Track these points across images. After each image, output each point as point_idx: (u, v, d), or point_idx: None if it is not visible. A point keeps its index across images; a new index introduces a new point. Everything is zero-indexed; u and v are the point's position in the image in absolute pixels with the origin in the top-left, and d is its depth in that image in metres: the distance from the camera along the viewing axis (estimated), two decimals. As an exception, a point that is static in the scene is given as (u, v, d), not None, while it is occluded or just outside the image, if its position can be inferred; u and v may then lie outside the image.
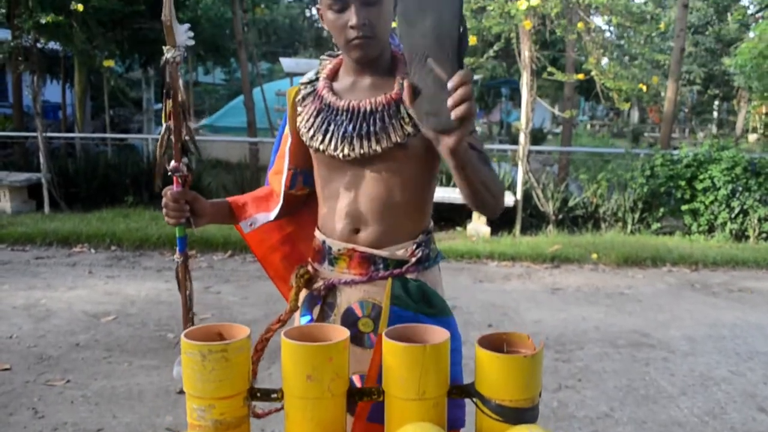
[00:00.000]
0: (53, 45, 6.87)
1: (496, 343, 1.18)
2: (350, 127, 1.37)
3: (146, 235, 6.00)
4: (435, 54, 1.04)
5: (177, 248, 1.48)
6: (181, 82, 1.41)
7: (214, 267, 5.39)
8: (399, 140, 1.34)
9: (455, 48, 1.02)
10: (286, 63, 11.22)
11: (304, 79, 1.51)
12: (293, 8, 22.49)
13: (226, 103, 17.00)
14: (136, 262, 5.56)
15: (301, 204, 1.59)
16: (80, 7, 6.21)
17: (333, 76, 1.46)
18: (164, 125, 1.42)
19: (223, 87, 21.01)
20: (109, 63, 6.94)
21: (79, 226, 6.29)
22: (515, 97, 21.53)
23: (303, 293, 1.53)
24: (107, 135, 10.19)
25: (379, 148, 1.35)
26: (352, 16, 1.30)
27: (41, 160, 7.18)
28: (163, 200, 1.43)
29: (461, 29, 1.02)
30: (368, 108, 1.37)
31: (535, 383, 1.11)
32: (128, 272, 5.23)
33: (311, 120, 1.43)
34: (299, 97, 1.49)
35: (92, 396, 3.06)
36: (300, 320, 1.53)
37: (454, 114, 1.02)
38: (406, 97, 1.09)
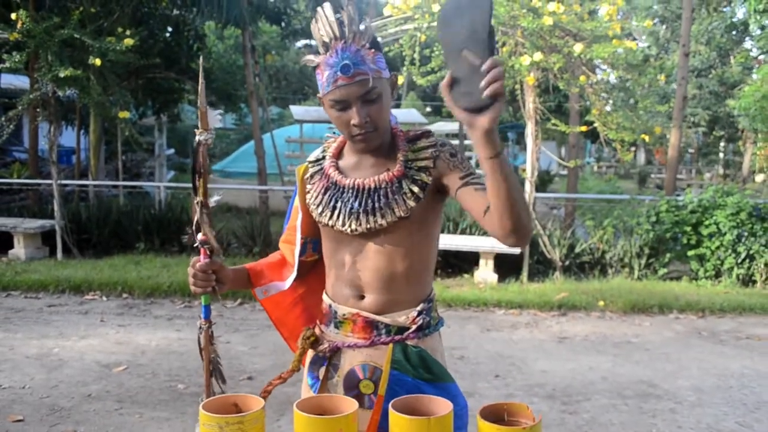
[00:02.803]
0: (69, 91, 7.10)
1: (498, 413, 1.25)
2: (356, 204, 1.46)
3: (157, 284, 6.08)
4: (469, 45, 1.20)
5: (201, 315, 1.56)
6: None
7: (224, 315, 5.45)
8: (402, 214, 1.44)
9: (486, 39, 1.18)
10: (296, 111, 11.47)
11: (311, 157, 1.62)
12: (303, 54, 23.00)
13: (236, 147, 17.29)
14: (147, 310, 5.63)
15: (310, 267, 1.69)
16: (98, 61, 6.43)
17: (338, 154, 1.57)
18: (197, 201, 1.52)
19: (234, 132, 21.38)
20: (124, 114, 7.14)
21: (91, 274, 6.39)
22: (521, 140, 21.77)
23: (310, 354, 1.61)
24: (120, 183, 10.39)
25: (384, 222, 1.44)
26: (354, 115, 1.40)
27: (55, 207, 7.32)
28: (191, 270, 1.51)
29: (491, 26, 1.20)
30: (372, 185, 1.47)
31: (535, 454, 1.17)
32: (139, 320, 5.30)
33: (319, 197, 1.53)
34: (308, 174, 1.59)
35: (104, 449, 3.11)
36: (306, 380, 1.61)
37: (488, 91, 1.14)
38: (443, 85, 1.21)
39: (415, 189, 1.44)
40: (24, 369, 4.14)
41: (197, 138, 1.50)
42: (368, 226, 1.45)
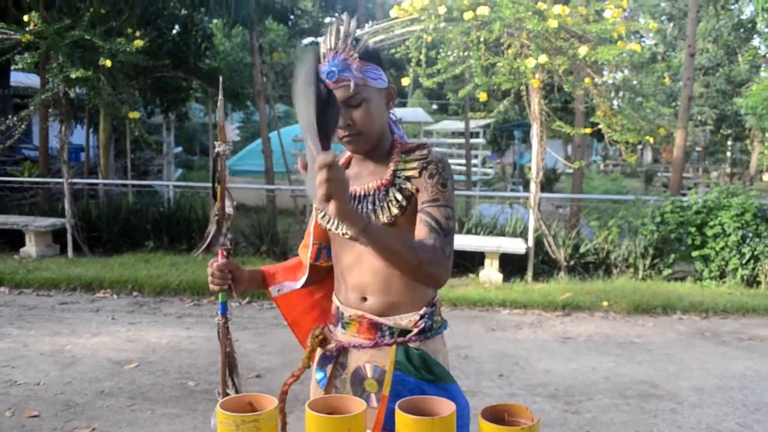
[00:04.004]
0: (79, 91, 7.20)
1: (498, 413, 1.32)
2: None
3: (167, 282, 6.17)
4: (310, 132, 1.24)
5: (219, 312, 1.67)
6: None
7: (232, 313, 5.50)
8: (386, 220, 1.53)
9: (316, 131, 1.21)
10: (303, 109, 11.52)
11: None
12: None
13: (243, 145, 17.36)
14: (157, 308, 5.72)
15: (326, 273, 1.78)
16: (108, 62, 6.52)
17: (347, 164, 1.67)
18: (216, 206, 1.62)
19: (241, 129, 21.46)
20: (135, 115, 7.23)
21: (101, 272, 6.49)
22: (527, 139, 21.79)
23: (319, 351, 1.70)
24: (129, 182, 10.49)
25: None
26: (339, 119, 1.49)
27: (66, 206, 7.42)
28: (209, 270, 1.62)
29: (326, 113, 1.23)
30: (362, 193, 1.57)
31: (533, 453, 1.24)
32: (150, 318, 5.39)
33: None
34: None
35: (117, 444, 3.19)
36: (314, 375, 1.70)
37: (317, 196, 1.21)
38: (301, 167, 1.31)
39: (399, 197, 1.52)
40: (38, 365, 4.23)
41: (216, 150, 1.59)
42: None
